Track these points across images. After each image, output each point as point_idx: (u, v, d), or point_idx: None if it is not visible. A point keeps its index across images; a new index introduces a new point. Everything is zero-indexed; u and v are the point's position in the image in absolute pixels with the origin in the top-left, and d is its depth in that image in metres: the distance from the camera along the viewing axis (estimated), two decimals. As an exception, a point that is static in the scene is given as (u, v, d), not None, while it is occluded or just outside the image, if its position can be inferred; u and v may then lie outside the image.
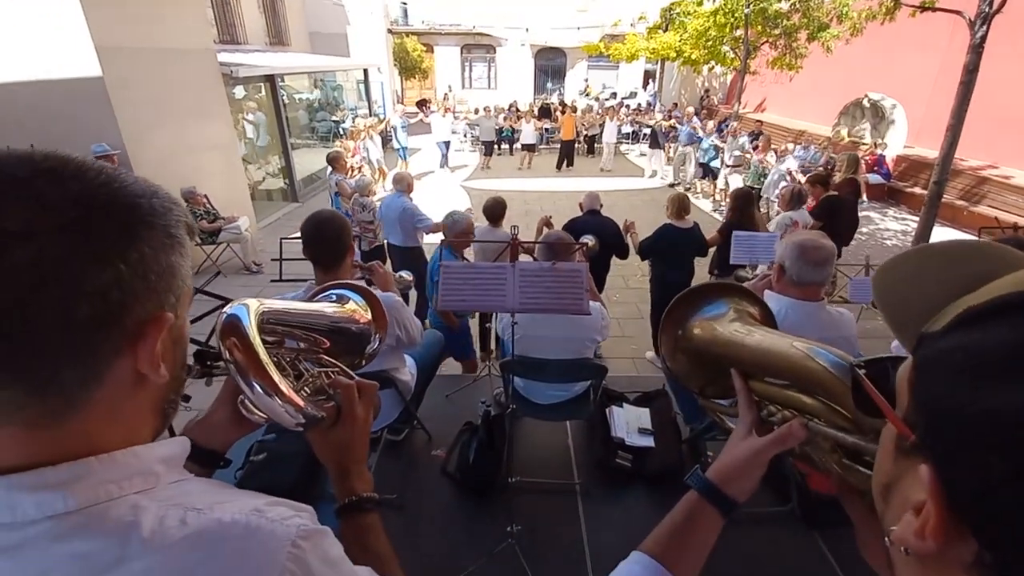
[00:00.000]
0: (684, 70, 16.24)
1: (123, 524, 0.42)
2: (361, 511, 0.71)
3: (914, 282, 0.40)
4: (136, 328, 0.44)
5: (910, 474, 0.33)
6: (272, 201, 9.76)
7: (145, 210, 0.45)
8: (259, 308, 0.65)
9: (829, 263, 1.94)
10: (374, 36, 16.07)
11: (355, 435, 0.73)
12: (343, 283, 0.97)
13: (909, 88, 10.43)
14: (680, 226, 4.02)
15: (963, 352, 0.30)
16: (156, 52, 6.05)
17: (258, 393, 0.60)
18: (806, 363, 0.63)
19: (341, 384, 0.74)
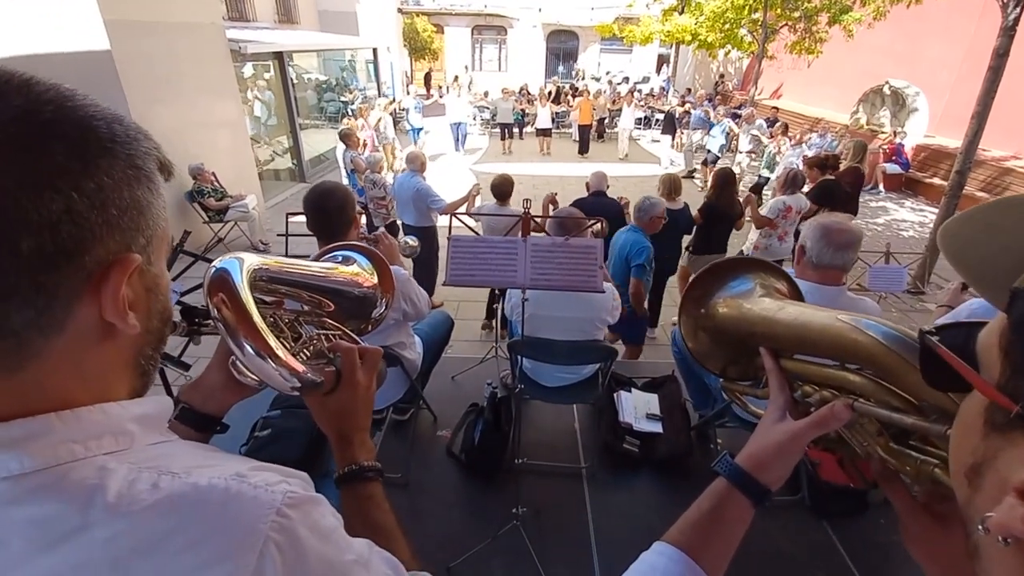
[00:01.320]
0: (699, 54, 15.91)
1: (86, 487, 0.38)
2: (362, 480, 0.67)
3: (995, 235, 0.36)
4: (97, 269, 0.39)
5: (1009, 451, 0.29)
6: (280, 181, 9.73)
7: (103, 134, 0.40)
8: (254, 264, 0.60)
9: (852, 248, 1.87)
10: (384, 15, 15.88)
11: (356, 401, 0.70)
12: (349, 244, 0.93)
13: (932, 75, 10.15)
14: (671, 206, 4.01)
15: None
16: (165, 26, 5.98)
17: (249, 354, 0.56)
18: (854, 336, 0.57)
19: (342, 348, 0.70)
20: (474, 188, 4.24)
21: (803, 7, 9.97)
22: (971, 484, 0.33)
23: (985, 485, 0.32)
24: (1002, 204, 0.38)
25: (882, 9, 8.44)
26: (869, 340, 0.55)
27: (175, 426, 0.69)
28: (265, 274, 0.63)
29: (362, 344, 0.84)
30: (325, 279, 0.80)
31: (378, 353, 0.74)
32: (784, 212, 4.37)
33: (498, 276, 1.83)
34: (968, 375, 0.34)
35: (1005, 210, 0.38)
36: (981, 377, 0.33)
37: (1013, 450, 0.29)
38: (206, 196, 6.15)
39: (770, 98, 15.64)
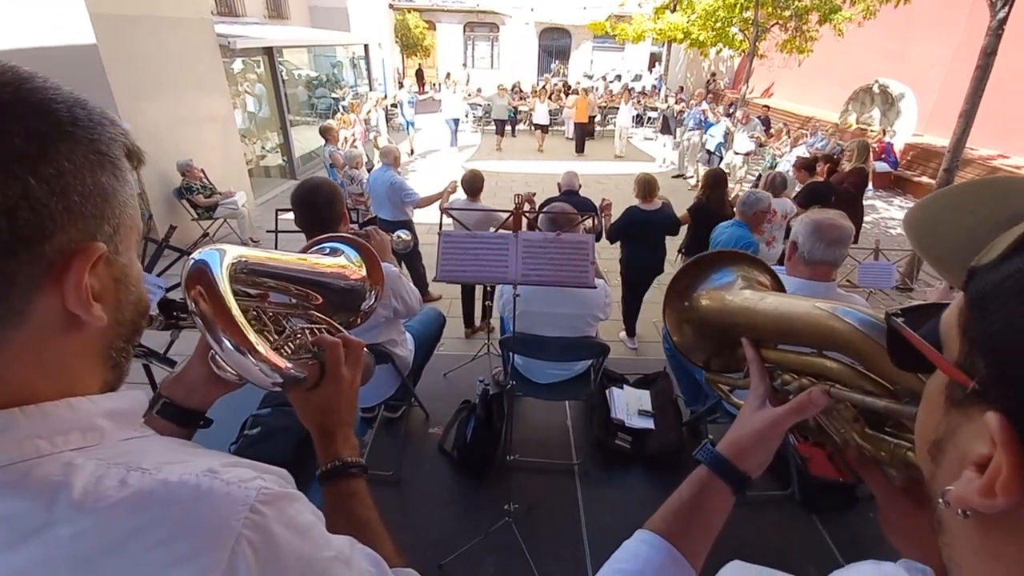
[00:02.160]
0: (691, 53, 15.94)
1: (51, 484, 0.37)
2: (345, 476, 0.66)
3: (953, 216, 0.38)
4: (58, 258, 0.38)
5: (967, 426, 0.30)
6: (270, 178, 9.65)
7: (64, 118, 0.39)
8: (235, 256, 0.59)
9: (843, 244, 1.88)
10: (375, 11, 15.75)
11: (340, 396, 0.68)
12: (338, 235, 0.91)
13: (921, 74, 10.23)
14: (646, 208, 3.90)
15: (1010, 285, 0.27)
16: (152, 20, 5.90)
17: (228, 349, 0.54)
18: (831, 323, 0.58)
19: (326, 342, 0.69)
20: (450, 184, 4.21)
21: (794, 6, 10.01)
22: (934, 460, 0.34)
23: (946, 460, 0.33)
24: (959, 188, 0.40)
25: (872, 8, 8.50)
26: (845, 327, 0.56)
27: (156, 421, 0.68)
28: (247, 266, 0.62)
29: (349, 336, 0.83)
30: (310, 271, 0.78)
31: (361, 347, 0.73)
32: (768, 216, 4.31)
33: (489, 272, 1.82)
34: (928, 353, 0.34)
35: (962, 194, 0.39)
36: (940, 355, 0.34)
37: (971, 425, 0.30)
38: (195, 193, 6.08)
39: (761, 97, 15.72)
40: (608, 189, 8.95)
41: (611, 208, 3.95)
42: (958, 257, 0.33)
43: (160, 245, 1.44)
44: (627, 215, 3.91)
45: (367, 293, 0.87)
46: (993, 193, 0.37)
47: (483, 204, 4.02)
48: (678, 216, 4.14)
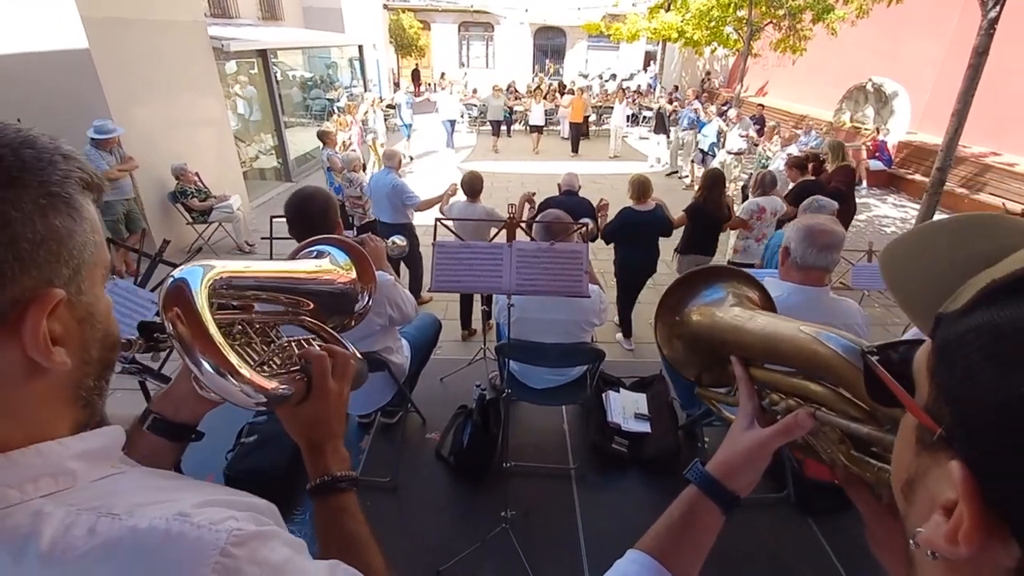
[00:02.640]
0: (685, 52, 15.98)
1: (19, 535, 0.37)
2: (335, 491, 0.66)
3: (925, 259, 0.38)
4: (12, 310, 0.38)
5: (936, 470, 0.30)
6: (265, 180, 9.61)
7: (10, 163, 0.38)
8: (216, 272, 0.58)
9: (835, 249, 1.89)
10: (369, 11, 15.71)
11: (328, 409, 0.67)
12: (325, 238, 0.90)
13: (914, 72, 10.28)
14: (640, 209, 3.92)
15: (991, 331, 0.26)
16: (145, 24, 5.87)
17: (207, 372, 0.53)
18: (814, 347, 0.59)
19: (311, 355, 0.68)
20: (450, 187, 4.22)
21: (787, 5, 10.04)
22: (907, 498, 0.34)
23: (917, 501, 0.33)
24: (934, 227, 0.39)
25: (865, 7, 8.53)
26: (829, 352, 0.57)
27: (148, 436, 0.68)
28: (229, 282, 0.61)
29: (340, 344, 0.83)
30: (295, 280, 0.77)
31: (348, 357, 0.72)
32: (757, 213, 4.34)
33: (483, 282, 1.83)
34: (899, 395, 0.35)
35: (936, 234, 0.39)
36: (910, 398, 0.34)
37: (939, 470, 0.29)
38: (189, 197, 6.06)
39: (756, 95, 15.75)
40: (604, 189, 8.96)
41: (608, 208, 3.96)
42: (927, 302, 0.33)
43: (153, 260, 1.43)
44: (621, 216, 3.93)
45: (359, 295, 0.87)
46: (965, 233, 0.37)
47: (483, 206, 4.02)
48: (674, 217, 4.14)
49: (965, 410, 0.28)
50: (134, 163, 5.40)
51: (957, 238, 0.37)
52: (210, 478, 2.45)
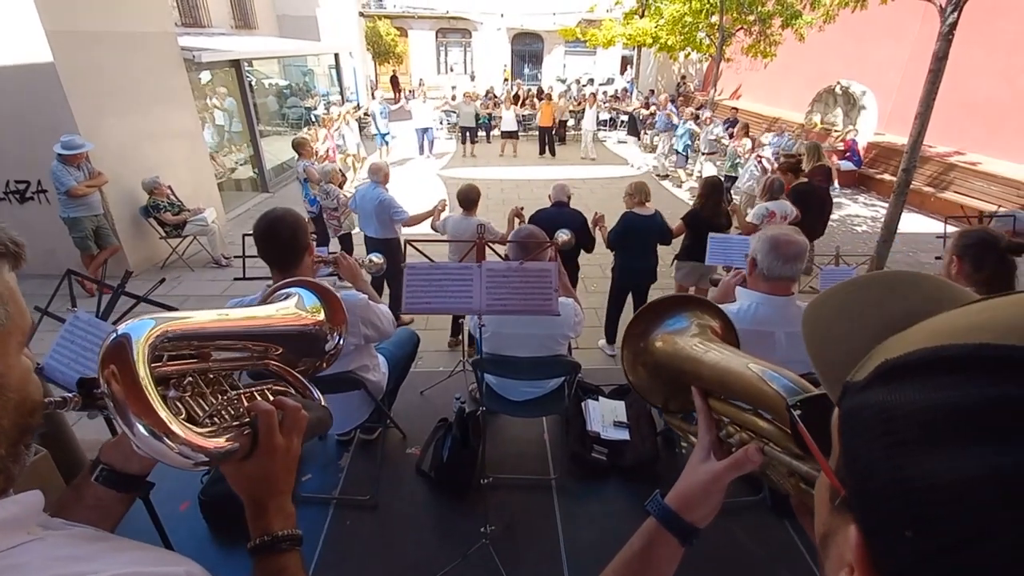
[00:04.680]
0: (661, 57, 16.19)
1: None
2: (275, 552, 0.64)
3: (842, 318, 0.37)
4: None
5: (843, 530, 0.31)
6: (241, 192, 9.48)
7: None
8: (163, 327, 0.56)
9: (800, 259, 1.93)
10: (345, 19, 15.63)
11: (274, 466, 0.65)
12: (296, 280, 0.89)
13: (880, 75, 10.58)
14: (641, 213, 4.00)
15: (877, 413, 0.27)
16: (112, 36, 5.77)
17: (140, 434, 0.51)
18: (760, 386, 0.60)
19: (258, 409, 0.65)
20: (440, 203, 4.23)
21: (757, 11, 10.26)
22: (823, 550, 0.35)
23: (831, 555, 0.33)
24: (851, 285, 0.40)
25: (831, 13, 8.74)
26: (771, 392, 0.58)
27: (96, 488, 0.66)
28: (178, 335, 0.60)
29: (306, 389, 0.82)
30: (256, 326, 0.76)
31: (299, 410, 0.69)
32: (768, 218, 4.44)
33: (454, 303, 1.83)
34: (814, 452, 0.35)
35: (854, 290, 0.39)
36: (823, 458, 0.34)
37: (846, 529, 0.30)
38: (162, 211, 5.96)
39: (730, 98, 16.03)
40: (582, 194, 9.04)
41: (604, 221, 4.01)
42: (840, 368, 0.33)
43: (115, 293, 1.41)
44: (624, 221, 4.00)
45: (328, 336, 0.86)
46: (884, 292, 0.37)
47: (478, 219, 4.01)
48: (672, 226, 4.19)
49: (862, 481, 0.28)
50: (103, 178, 5.29)
51: (871, 295, 0.37)
52: (184, 506, 2.40)
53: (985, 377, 0.24)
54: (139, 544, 0.56)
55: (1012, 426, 0.22)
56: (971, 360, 0.25)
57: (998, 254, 2.06)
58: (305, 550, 2.21)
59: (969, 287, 2.08)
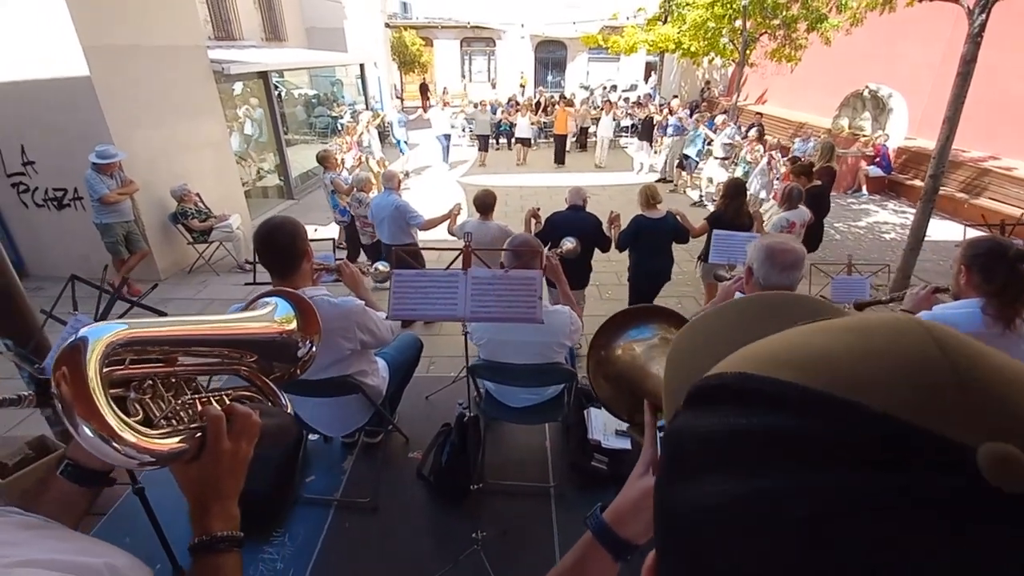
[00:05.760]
0: (684, 62, 16.07)
1: None
2: (212, 552, 0.66)
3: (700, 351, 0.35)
4: None
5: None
6: (267, 199, 9.76)
7: None
8: (123, 332, 0.59)
9: (797, 268, 1.90)
10: (371, 30, 15.98)
11: (219, 470, 0.67)
12: (276, 290, 0.93)
13: (912, 79, 10.26)
14: (651, 216, 4.05)
15: (677, 437, 0.28)
16: (145, 50, 6.04)
17: (86, 436, 0.53)
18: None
19: (208, 414, 0.68)
20: (455, 207, 4.29)
21: (782, 15, 10.09)
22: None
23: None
24: (714, 314, 0.38)
25: (858, 16, 8.54)
26: None
27: (61, 482, 0.70)
28: (141, 340, 0.63)
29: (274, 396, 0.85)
30: (223, 335, 0.78)
31: (248, 416, 0.71)
32: (788, 229, 4.46)
33: (439, 309, 1.86)
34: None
35: (717, 319, 0.37)
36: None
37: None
38: (190, 217, 6.18)
39: (755, 103, 15.77)
40: (601, 200, 9.00)
41: (619, 220, 4.07)
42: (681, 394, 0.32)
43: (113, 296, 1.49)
44: (634, 223, 4.07)
45: (299, 343, 0.89)
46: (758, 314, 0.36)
47: (496, 223, 4.11)
48: (695, 226, 4.26)
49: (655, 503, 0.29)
50: (135, 186, 5.53)
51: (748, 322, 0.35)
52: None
53: (738, 408, 0.24)
54: (78, 535, 0.60)
55: (748, 458, 0.23)
56: (731, 390, 0.25)
57: (1008, 264, 1.98)
58: (304, 549, 2.24)
59: (980, 298, 2.02)
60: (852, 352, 0.23)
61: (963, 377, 0.20)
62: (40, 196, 5.86)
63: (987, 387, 0.20)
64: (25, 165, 5.72)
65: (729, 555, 0.22)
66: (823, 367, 0.23)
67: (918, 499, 0.19)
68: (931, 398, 0.20)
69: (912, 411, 0.20)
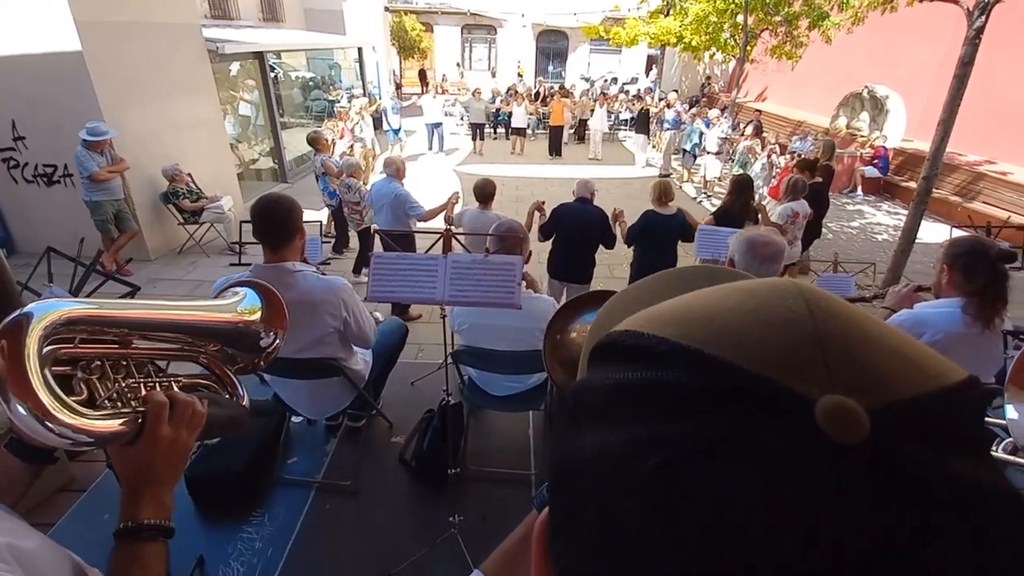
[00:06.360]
0: (685, 57, 15.98)
1: None
2: (137, 539, 0.65)
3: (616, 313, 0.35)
4: None
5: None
6: (261, 181, 9.68)
7: None
8: (76, 310, 0.59)
9: (777, 260, 1.92)
10: (371, 14, 15.80)
11: (155, 456, 0.66)
12: (246, 280, 0.92)
13: (911, 80, 10.26)
14: (663, 212, 4.00)
15: (569, 394, 0.28)
16: (139, 26, 5.96)
17: (17, 412, 0.52)
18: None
19: (150, 400, 0.67)
20: (453, 196, 4.27)
21: (783, 12, 10.04)
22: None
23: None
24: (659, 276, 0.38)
25: (860, 15, 8.50)
26: None
27: (5, 456, 0.70)
28: (91, 319, 0.62)
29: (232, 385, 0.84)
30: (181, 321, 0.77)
31: (190, 406, 0.70)
32: (792, 218, 4.55)
33: (418, 292, 1.87)
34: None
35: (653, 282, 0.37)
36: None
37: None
38: (181, 197, 6.14)
39: (755, 100, 15.74)
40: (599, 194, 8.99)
41: (624, 216, 4.04)
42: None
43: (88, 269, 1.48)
44: (644, 219, 4.02)
45: (262, 334, 0.88)
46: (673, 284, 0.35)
47: (495, 213, 4.06)
48: (702, 221, 4.15)
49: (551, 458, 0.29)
50: (125, 164, 5.47)
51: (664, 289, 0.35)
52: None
53: (623, 363, 0.25)
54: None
55: (622, 410, 0.24)
56: (618, 346, 0.26)
57: (990, 263, 1.99)
58: (283, 529, 2.25)
59: (960, 297, 2.04)
60: (732, 311, 0.24)
61: (821, 335, 0.21)
62: (30, 172, 5.80)
63: (843, 345, 0.21)
64: (16, 140, 5.65)
65: (594, 502, 0.23)
66: (701, 325, 0.24)
67: (756, 446, 0.19)
68: (789, 353, 0.21)
69: (767, 365, 0.21)
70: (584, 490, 0.23)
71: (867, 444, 0.18)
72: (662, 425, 0.21)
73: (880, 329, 0.23)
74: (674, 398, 0.22)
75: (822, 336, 0.21)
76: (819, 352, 0.21)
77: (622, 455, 0.22)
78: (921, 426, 0.20)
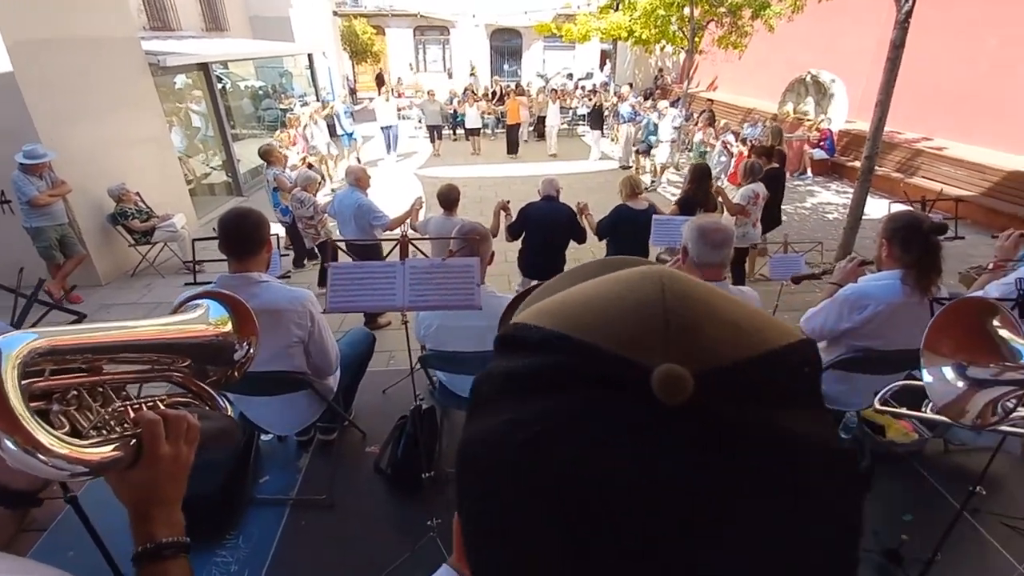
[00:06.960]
0: (637, 50, 16.27)
1: None
2: (159, 559, 0.65)
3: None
4: None
5: None
6: (214, 196, 9.39)
7: None
8: (42, 341, 0.57)
9: (727, 245, 1.99)
10: (319, 19, 15.52)
11: (158, 475, 0.65)
12: (204, 292, 0.88)
13: (850, 64, 10.71)
14: (634, 207, 4.03)
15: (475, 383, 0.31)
16: (73, 43, 5.70)
17: (9, 450, 0.50)
18: None
19: (143, 419, 0.66)
20: (416, 202, 4.22)
21: (727, 3, 10.34)
22: None
23: None
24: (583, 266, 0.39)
25: (799, 3, 8.85)
26: None
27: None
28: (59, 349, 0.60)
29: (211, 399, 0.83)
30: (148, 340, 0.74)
31: (184, 420, 0.69)
32: (753, 199, 4.66)
33: (378, 299, 1.87)
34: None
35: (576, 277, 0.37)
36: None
37: None
38: (130, 218, 5.90)
39: (707, 90, 16.14)
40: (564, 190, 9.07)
41: (588, 209, 4.07)
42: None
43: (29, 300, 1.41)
44: (615, 213, 4.04)
45: (235, 346, 0.85)
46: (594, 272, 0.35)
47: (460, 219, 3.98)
48: (666, 211, 4.23)
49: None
50: (66, 187, 5.23)
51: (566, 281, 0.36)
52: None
53: (510, 353, 0.28)
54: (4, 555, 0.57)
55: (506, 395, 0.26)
56: (508, 338, 0.29)
57: (923, 236, 2.12)
58: (259, 550, 2.21)
59: (899, 269, 2.15)
60: (602, 298, 0.26)
61: (668, 313, 0.24)
62: (-37, 200, 5.48)
63: (685, 321, 0.24)
64: (-55, 167, 5.33)
65: (479, 479, 0.26)
66: (575, 313, 0.26)
67: (604, 415, 0.22)
68: (641, 332, 0.24)
69: (622, 343, 0.23)
70: (473, 470, 0.26)
71: (697, 405, 0.21)
72: (531, 405, 0.24)
73: (724, 305, 0.26)
74: (546, 380, 0.24)
75: (668, 314, 0.24)
76: (664, 329, 0.23)
77: (500, 435, 0.25)
78: (747, 385, 0.22)
